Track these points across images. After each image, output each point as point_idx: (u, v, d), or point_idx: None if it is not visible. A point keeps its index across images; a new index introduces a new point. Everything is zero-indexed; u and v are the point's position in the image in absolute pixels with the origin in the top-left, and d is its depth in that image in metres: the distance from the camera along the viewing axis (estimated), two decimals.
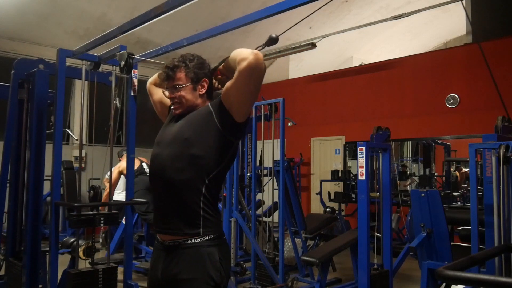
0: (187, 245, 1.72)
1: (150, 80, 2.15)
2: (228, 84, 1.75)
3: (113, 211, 2.93)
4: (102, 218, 2.79)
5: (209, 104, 1.83)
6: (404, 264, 4.57)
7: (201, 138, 1.75)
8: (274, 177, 4.89)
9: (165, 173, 1.76)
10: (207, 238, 1.72)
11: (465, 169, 7.79)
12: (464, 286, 2.07)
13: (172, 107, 1.88)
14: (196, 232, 1.72)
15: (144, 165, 5.62)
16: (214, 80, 1.90)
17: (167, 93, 1.87)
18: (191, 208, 1.73)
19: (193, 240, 1.71)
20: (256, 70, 1.66)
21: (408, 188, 8.16)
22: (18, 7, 6.51)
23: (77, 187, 3.33)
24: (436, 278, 1.51)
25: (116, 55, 2.76)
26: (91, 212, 2.81)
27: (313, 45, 7.46)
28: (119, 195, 5.61)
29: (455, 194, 7.44)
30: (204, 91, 1.85)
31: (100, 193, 2.88)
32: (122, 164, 5.12)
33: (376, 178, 4.24)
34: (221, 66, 1.85)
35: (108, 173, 3.36)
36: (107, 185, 4.99)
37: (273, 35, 1.78)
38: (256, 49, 1.71)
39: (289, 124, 6.16)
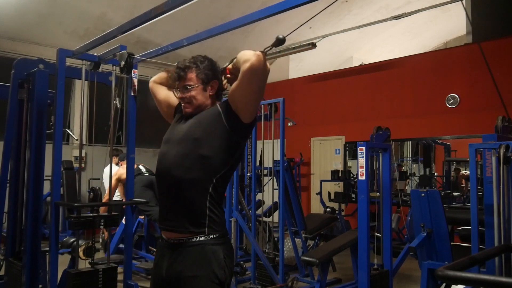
0: (192, 243, 1.74)
1: (153, 78, 2.14)
2: (234, 85, 1.79)
3: (113, 213, 2.91)
4: (102, 220, 2.79)
5: (218, 104, 1.87)
6: (404, 264, 4.56)
7: (210, 138, 1.78)
8: (274, 177, 4.89)
9: (172, 171, 1.78)
10: (212, 237, 1.74)
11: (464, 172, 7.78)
12: (464, 286, 2.07)
13: (182, 105, 1.90)
14: (201, 231, 1.74)
15: (141, 167, 5.65)
16: (223, 79, 1.92)
17: (178, 93, 1.90)
18: (198, 207, 1.75)
19: (198, 238, 1.74)
20: (258, 70, 1.70)
21: (407, 188, 8.15)
22: (18, 7, 6.50)
23: (77, 187, 3.33)
24: (436, 278, 1.51)
25: (116, 55, 2.76)
26: (91, 214, 2.81)
27: (313, 45, 7.45)
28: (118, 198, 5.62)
29: (455, 194, 7.44)
30: (213, 92, 1.90)
31: (100, 195, 2.87)
32: (120, 171, 5.11)
33: (376, 178, 4.25)
34: (230, 66, 1.89)
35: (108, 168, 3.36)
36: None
37: (280, 36, 1.78)
38: (264, 50, 1.74)
39: (289, 124, 6.16)
